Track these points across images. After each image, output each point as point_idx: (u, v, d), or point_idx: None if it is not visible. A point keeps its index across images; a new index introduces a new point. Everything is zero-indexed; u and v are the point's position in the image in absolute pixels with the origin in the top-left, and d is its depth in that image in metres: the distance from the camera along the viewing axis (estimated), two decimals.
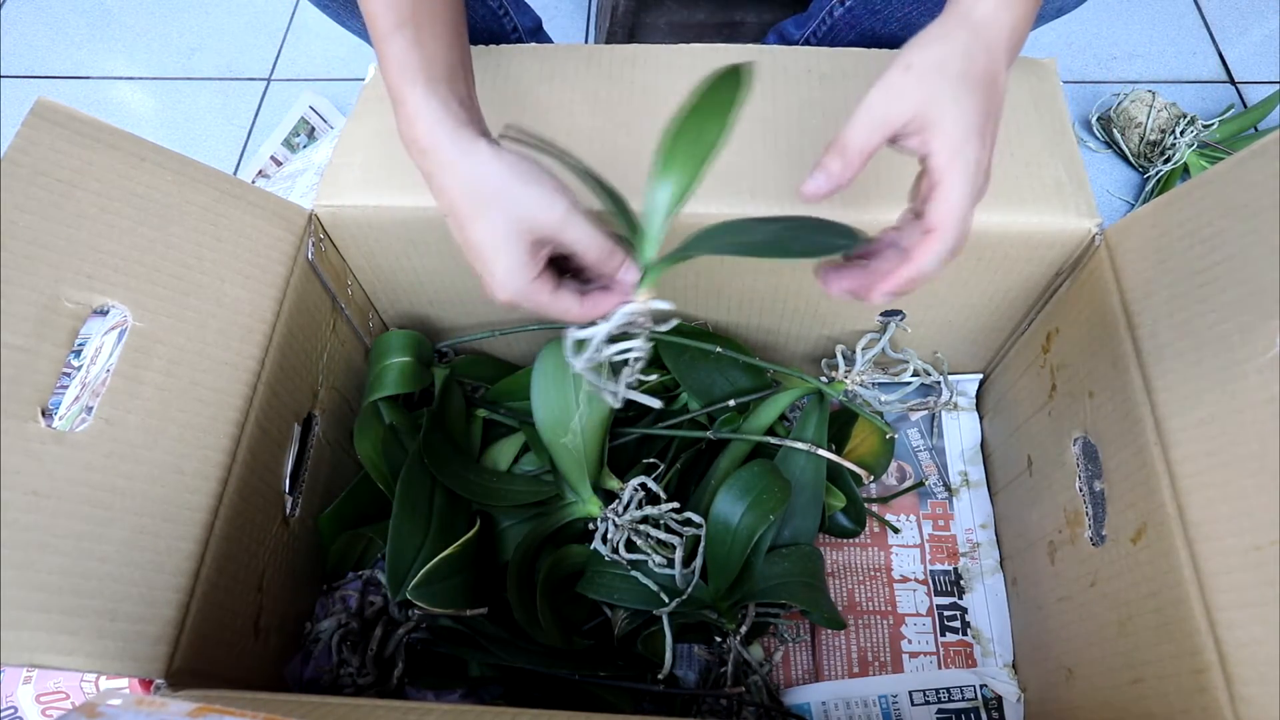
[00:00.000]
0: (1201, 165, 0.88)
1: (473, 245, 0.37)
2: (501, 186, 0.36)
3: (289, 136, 0.93)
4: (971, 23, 0.33)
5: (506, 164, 0.37)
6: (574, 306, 0.38)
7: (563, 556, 0.52)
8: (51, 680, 0.50)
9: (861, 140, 0.34)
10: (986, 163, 0.33)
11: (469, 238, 0.37)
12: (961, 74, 0.33)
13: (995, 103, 0.34)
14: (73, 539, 0.37)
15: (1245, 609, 0.35)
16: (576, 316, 0.38)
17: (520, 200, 0.36)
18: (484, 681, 0.53)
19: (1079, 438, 0.50)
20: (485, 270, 0.37)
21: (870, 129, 0.33)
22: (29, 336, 0.38)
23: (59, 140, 0.41)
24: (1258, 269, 0.37)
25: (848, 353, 0.59)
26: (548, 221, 0.36)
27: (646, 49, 0.55)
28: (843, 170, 0.34)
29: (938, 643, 0.60)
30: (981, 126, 0.33)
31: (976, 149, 0.33)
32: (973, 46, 0.33)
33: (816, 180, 0.35)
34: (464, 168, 0.37)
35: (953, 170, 0.33)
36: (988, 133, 0.33)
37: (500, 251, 0.36)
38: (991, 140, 0.34)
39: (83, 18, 1.15)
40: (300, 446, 0.50)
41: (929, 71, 0.33)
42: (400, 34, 0.37)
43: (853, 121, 0.34)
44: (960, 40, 0.33)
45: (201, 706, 0.25)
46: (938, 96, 0.32)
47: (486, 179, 0.36)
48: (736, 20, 0.96)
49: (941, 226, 0.33)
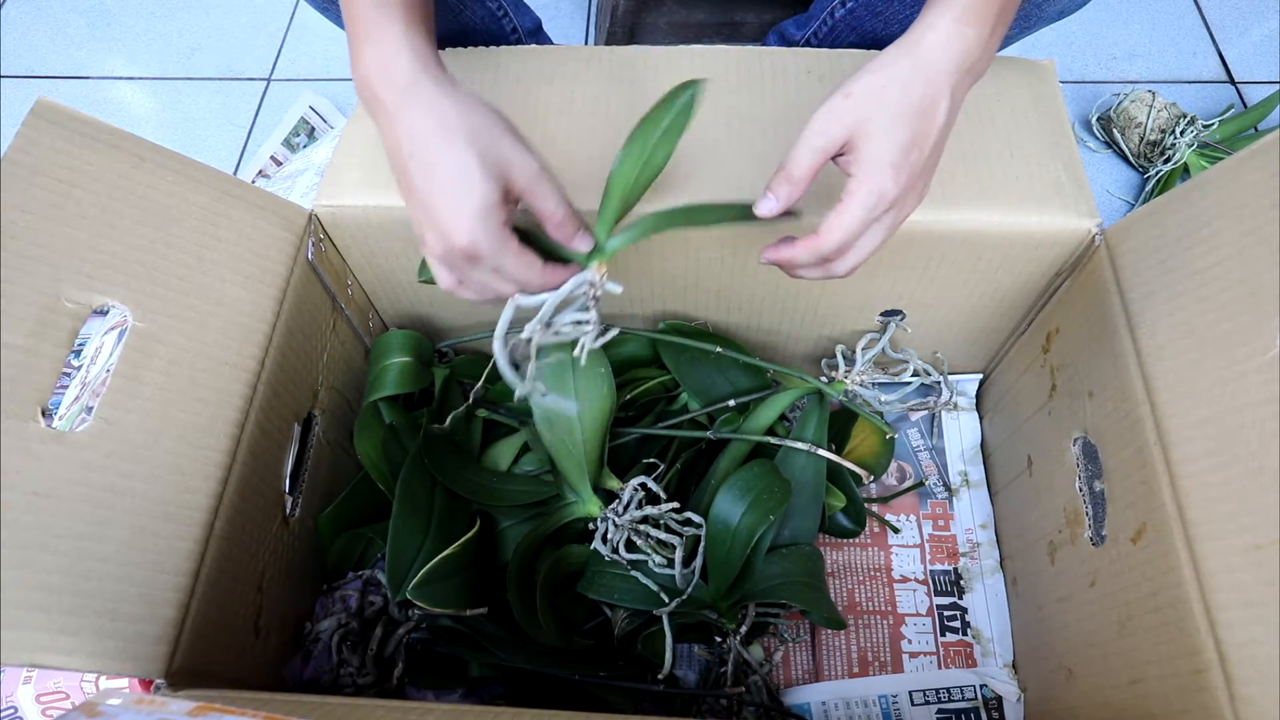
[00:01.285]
0: (1201, 165, 0.88)
1: (440, 182, 0.35)
2: (481, 125, 0.36)
3: (289, 136, 0.93)
4: (917, 53, 0.35)
5: (487, 110, 0.37)
6: (535, 265, 0.38)
7: (563, 556, 0.52)
8: (51, 680, 0.50)
9: (804, 164, 0.36)
10: (894, 195, 0.35)
11: (436, 176, 0.35)
12: (895, 103, 0.35)
13: (928, 133, 0.35)
14: (73, 539, 0.37)
15: (1245, 609, 0.35)
16: (535, 278, 0.38)
17: (501, 144, 0.36)
18: (484, 681, 0.53)
19: (1079, 438, 0.50)
20: (449, 209, 0.35)
21: (811, 153, 0.36)
22: (29, 336, 0.38)
23: (59, 140, 0.41)
24: (1257, 269, 0.37)
25: (848, 353, 0.59)
26: (524, 173, 0.36)
27: (646, 50, 0.55)
28: (790, 192, 0.37)
29: (938, 643, 0.60)
30: (901, 160, 0.35)
31: (888, 181, 0.35)
32: (913, 77, 0.35)
33: (769, 203, 0.38)
34: (447, 104, 0.36)
35: (857, 195, 0.35)
36: (908, 165, 0.35)
37: (475, 186, 0.35)
38: (917, 166, 0.36)
39: (83, 18, 1.15)
40: (300, 446, 0.50)
41: (865, 100, 0.35)
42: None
43: (797, 146, 0.37)
44: (901, 70, 0.35)
45: (201, 705, 0.25)
46: (868, 125, 0.35)
47: (466, 115, 0.36)
48: (736, 21, 0.96)
49: (824, 233, 0.37)
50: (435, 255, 0.38)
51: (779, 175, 0.37)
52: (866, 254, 0.38)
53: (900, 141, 0.35)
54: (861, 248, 0.38)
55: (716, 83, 0.53)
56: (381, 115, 0.37)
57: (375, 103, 0.37)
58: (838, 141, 0.35)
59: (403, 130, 0.36)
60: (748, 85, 0.53)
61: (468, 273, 0.38)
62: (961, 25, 0.35)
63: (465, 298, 0.41)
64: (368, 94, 0.38)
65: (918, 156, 0.35)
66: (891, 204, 0.36)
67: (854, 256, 0.38)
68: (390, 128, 0.37)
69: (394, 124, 0.37)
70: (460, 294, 0.41)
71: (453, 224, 0.36)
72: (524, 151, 0.37)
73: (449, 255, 0.37)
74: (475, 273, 0.38)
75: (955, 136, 0.50)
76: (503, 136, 0.36)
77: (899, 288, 0.54)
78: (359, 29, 0.37)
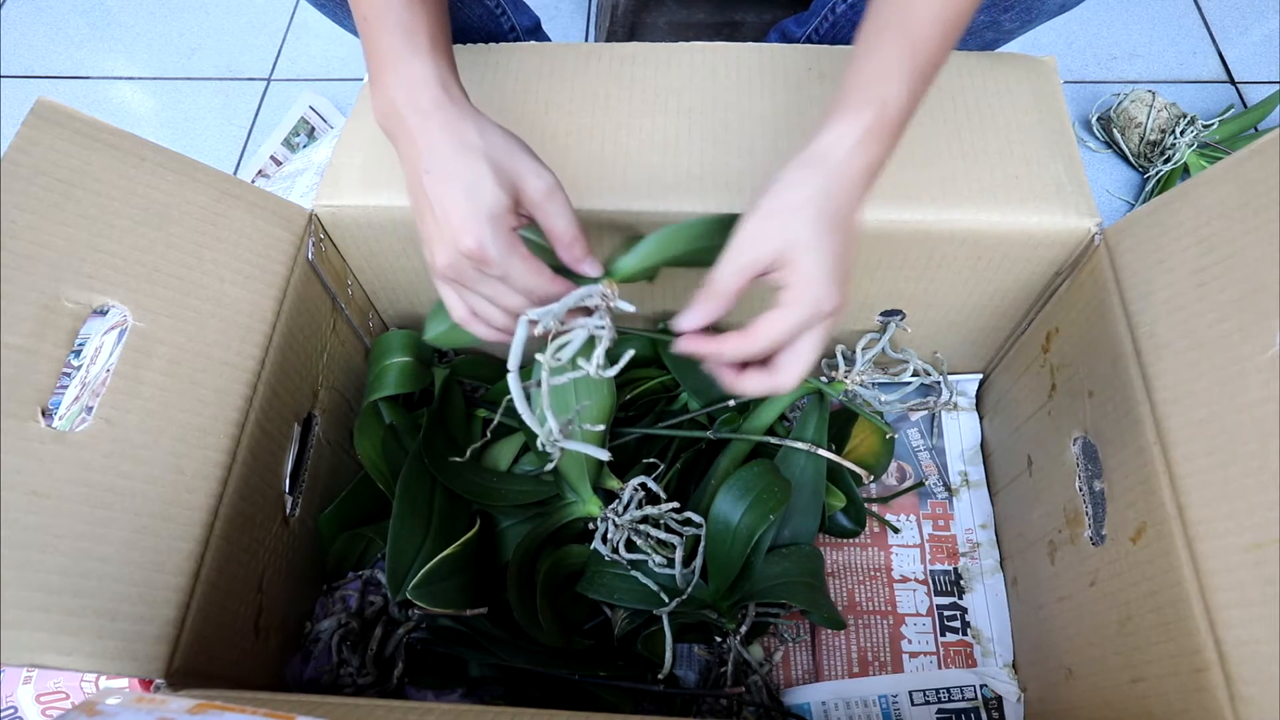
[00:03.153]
0: (1201, 165, 0.88)
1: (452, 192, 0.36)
2: (499, 144, 0.37)
3: (289, 136, 0.93)
4: (828, 165, 0.36)
5: (506, 133, 0.38)
6: (544, 271, 0.38)
7: (563, 556, 0.52)
8: (51, 680, 0.50)
9: (730, 283, 0.37)
10: (831, 306, 0.36)
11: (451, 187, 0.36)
12: (820, 216, 0.35)
13: (851, 239, 0.37)
14: (73, 539, 0.37)
15: (1245, 608, 0.35)
16: (545, 284, 0.38)
17: (516, 160, 0.37)
18: (484, 681, 0.53)
19: (1079, 437, 0.50)
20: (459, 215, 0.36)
21: (738, 272, 0.36)
22: (29, 336, 0.38)
23: (59, 140, 0.41)
24: (1257, 269, 0.37)
25: (848, 353, 0.59)
26: (535, 188, 0.37)
27: (646, 47, 0.55)
28: (716, 308, 0.37)
29: (938, 643, 0.60)
30: (834, 269, 0.35)
31: (825, 294, 0.35)
32: (830, 188, 0.35)
33: (692, 317, 0.38)
34: (468, 125, 0.37)
35: (793, 307, 0.36)
36: (840, 273, 0.36)
37: (486, 192, 0.36)
38: (845, 278, 0.36)
39: (83, 18, 1.15)
40: (300, 446, 0.50)
41: (788, 218, 0.35)
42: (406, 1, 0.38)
43: (721, 265, 0.37)
44: (818, 184, 0.35)
45: (201, 705, 0.24)
46: (797, 240, 0.35)
47: (485, 135, 0.37)
48: (736, 20, 0.96)
49: (753, 334, 0.36)
50: (443, 270, 0.38)
51: (705, 291, 0.37)
52: (810, 364, 0.38)
53: (834, 253, 0.35)
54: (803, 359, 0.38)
55: (717, 80, 0.53)
56: (403, 138, 0.38)
57: (400, 126, 0.38)
58: (764, 261, 0.36)
59: (423, 147, 0.37)
60: (749, 83, 0.53)
61: (476, 284, 0.38)
62: (868, 143, 0.36)
63: (479, 334, 0.41)
64: (392, 118, 0.38)
65: (846, 263, 0.36)
66: (828, 314, 0.36)
67: (797, 368, 0.38)
68: (411, 147, 0.38)
69: (415, 144, 0.37)
70: (473, 329, 0.41)
71: (461, 227, 0.36)
72: (539, 169, 0.37)
73: (456, 264, 0.37)
74: (483, 284, 0.38)
75: (955, 136, 0.50)
76: (519, 153, 0.37)
77: (899, 288, 0.54)
78: (385, 58, 0.38)
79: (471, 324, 0.41)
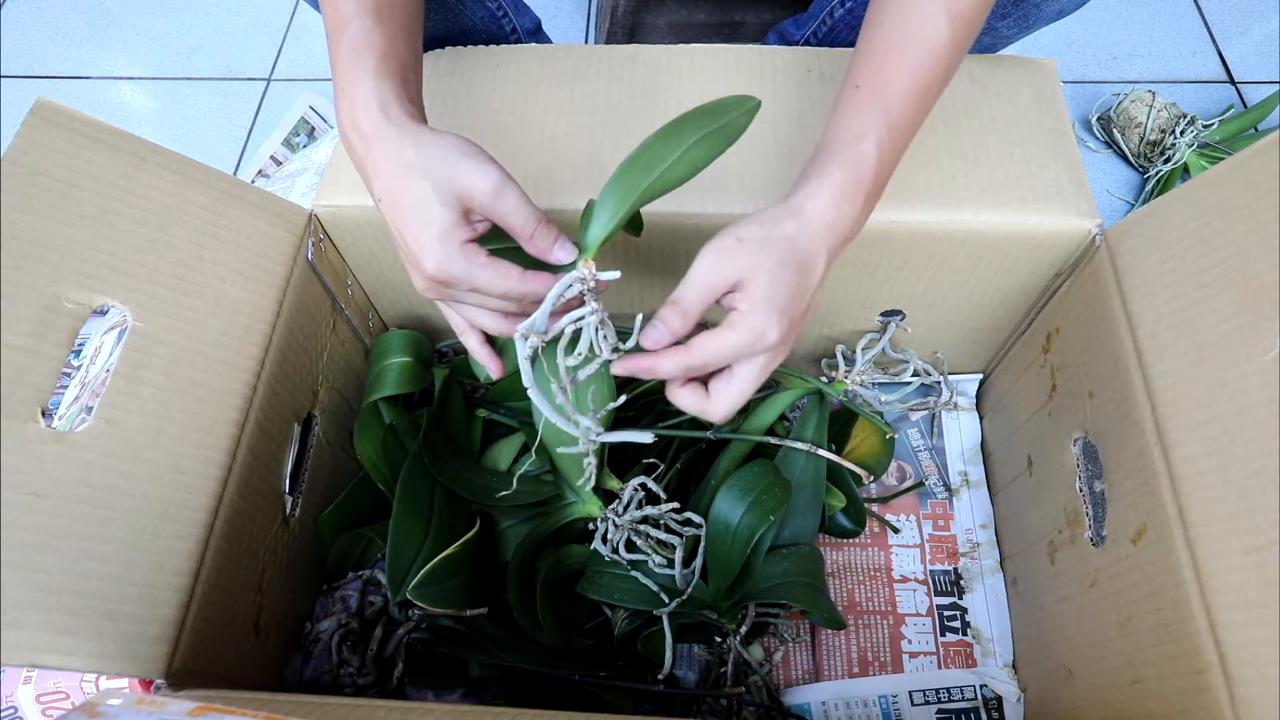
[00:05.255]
0: (1201, 165, 0.88)
1: (404, 217, 0.36)
2: (436, 157, 0.36)
3: (289, 136, 0.93)
4: (802, 216, 0.38)
5: (445, 141, 0.37)
6: (511, 272, 0.37)
7: (563, 556, 0.52)
8: (51, 680, 0.50)
9: (696, 301, 0.37)
10: (773, 338, 0.36)
11: (402, 213, 0.36)
12: (783, 255, 0.37)
13: (808, 286, 0.38)
14: (73, 539, 0.37)
15: (1245, 609, 0.35)
16: (514, 285, 0.37)
17: (456, 168, 0.36)
18: (484, 681, 0.53)
19: (1079, 438, 0.50)
20: (415, 241, 0.36)
21: (703, 291, 0.37)
22: (29, 336, 0.38)
23: (59, 140, 0.41)
24: (1258, 269, 0.37)
25: (848, 353, 0.59)
26: (481, 188, 0.36)
27: (646, 49, 0.55)
28: (681, 326, 0.38)
29: (938, 643, 0.60)
30: (785, 305, 0.36)
31: (771, 323, 0.36)
32: (798, 235, 0.37)
33: (657, 332, 0.38)
34: (406, 144, 0.36)
35: (738, 327, 0.36)
36: (790, 310, 0.37)
37: (433, 213, 0.36)
38: (797, 315, 0.38)
39: (83, 18, 1.15)
40: (300, 446, 0.50)
41: (757, 247, 0.36)
42: (360, 21, 0.38)
43: (687, 284, 0.37)
44: (789, 228, 0.37)
45: (201, 706, 0.25)
46: (759, 269, 0.36)
47: (422, 150, 0.36)
48: (736, 20, 0.96)
49: (694, 349, 0.37)
50: (422, 293, 0.39)
51: (671, 307, 0.37)
52: (744, 396, 0.39)
53: (789, 288, 0.36)
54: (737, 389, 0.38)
55: (716, 82, 0.53)
56: (357, 162, 0.39)
57: (352, 151, 0.39)
58: (730, 280, 0.36)
59: (370, 172, 0.38)
60: (747, 84, 0.53)
61: (456, 299, 0.39)
62: (840, 200, 0.38)
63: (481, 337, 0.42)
64: (346, 144, 0.39)
65: (799, 305, 0.37)
66: (769, 347, 0.37)
67: (729, 397, 0.39)
68: (363, 172, 0.38)
69: (364, 169, 0.38)
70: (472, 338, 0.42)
71: (420, 254, 0.36)
72: (482, 170, 0.36)
73: (430, 287, 0.38)
74: (462, 297, 0.39)
75: (956, 137, 0.50)
76: (459, 161, 0.36)
77: (899, 288, 0.54)
78: (338, 80, 0.38)
79: (467, 335, 0.43)
